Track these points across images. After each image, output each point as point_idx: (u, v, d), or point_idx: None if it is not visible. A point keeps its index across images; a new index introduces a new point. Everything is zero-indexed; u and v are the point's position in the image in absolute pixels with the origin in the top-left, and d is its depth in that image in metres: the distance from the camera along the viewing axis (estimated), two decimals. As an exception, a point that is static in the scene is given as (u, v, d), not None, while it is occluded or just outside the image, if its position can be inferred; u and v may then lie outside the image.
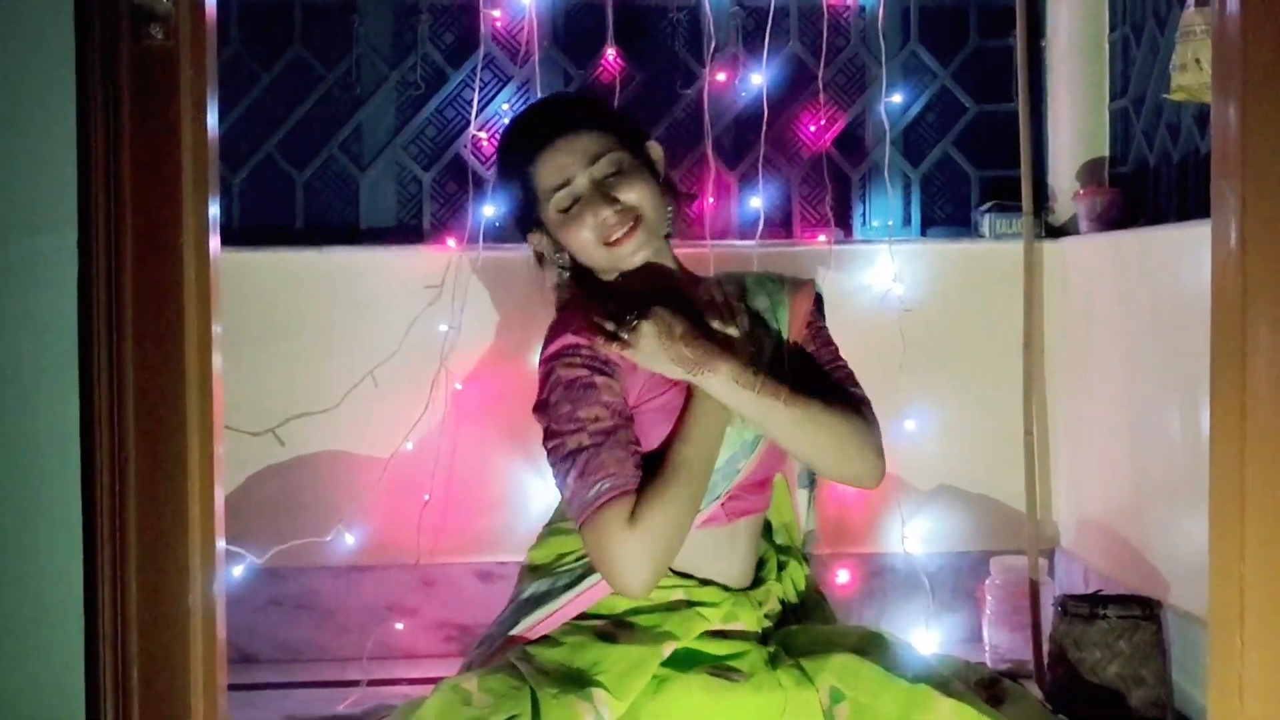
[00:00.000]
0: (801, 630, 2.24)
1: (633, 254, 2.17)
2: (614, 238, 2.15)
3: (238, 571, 3.36)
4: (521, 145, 2.19)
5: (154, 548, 1.55)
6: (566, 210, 2.17)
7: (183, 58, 1.58)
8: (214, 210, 1.64)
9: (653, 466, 2.08)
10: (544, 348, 2.17)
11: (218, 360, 1.65)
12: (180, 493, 1.56)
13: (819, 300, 2.35)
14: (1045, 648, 3.09)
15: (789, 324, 2.25)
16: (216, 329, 1.64)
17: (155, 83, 1.56)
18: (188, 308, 1.57)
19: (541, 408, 2.11)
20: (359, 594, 3.48)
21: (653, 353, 2.07)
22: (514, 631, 2.18)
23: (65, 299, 1.53)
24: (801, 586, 2.37)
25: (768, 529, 2.37)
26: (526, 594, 2.21)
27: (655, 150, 2.30)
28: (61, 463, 1.53)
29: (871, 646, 2.16)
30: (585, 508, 2.01)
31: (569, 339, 2.12)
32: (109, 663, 1.52)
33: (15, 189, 1.51)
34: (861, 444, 2.20)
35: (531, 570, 2.26)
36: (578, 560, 2.19)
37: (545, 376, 2.12)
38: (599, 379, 2.09)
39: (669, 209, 2.26)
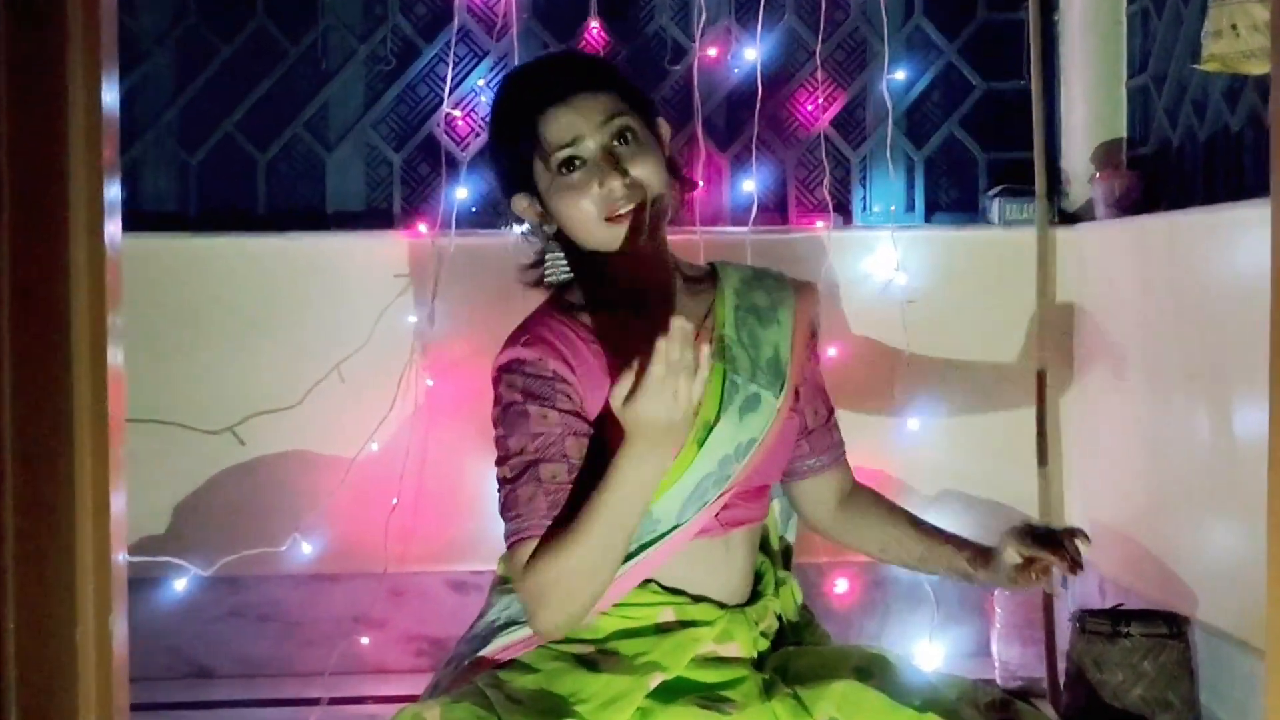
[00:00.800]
0: (799, 653, 2.10)
1: (636, 236, 1.99)
2: (617, 213, 1.97)
3: (180, 585, 3.21)
4: (529, 94, 2.01)
5: (34, 574, 1.32)
6: (567, 174, 1.98)
7: (70, 18, 1.36)
8: (113, 191, 1.44)
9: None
10: (503, 346, 2.02)
11: (117, 355, 1.43)
12: (67, 506, 1.33)
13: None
14: (1061, 665, 2.92)
15: (794, 327, 2.08)
16: (115, 320, 1.42)
17: (36, 45, 1.35)
18: (76, 298, 1.35)
19: (493, 419, 1.99)
20: (324, 604, 3.31)
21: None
22: (484, 653, 2.00)
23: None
24: (800, 602, 2.22)
25: (766, 542, 2.20)
26: (496, 612, 2.05)
27: (664, 129, 2.14)
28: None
29: (874, 670, 2.01)
30: (507, 545, 1.92)
31: (516, 352, 1.97)
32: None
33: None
34: None
35: (503, 583, 2.09)
36: None
37: (494, 386, 2.00)
38: (531, 407, 1.94)
39: (673, 194, 2.09)
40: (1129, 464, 3.16)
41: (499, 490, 1.94)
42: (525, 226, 2.17)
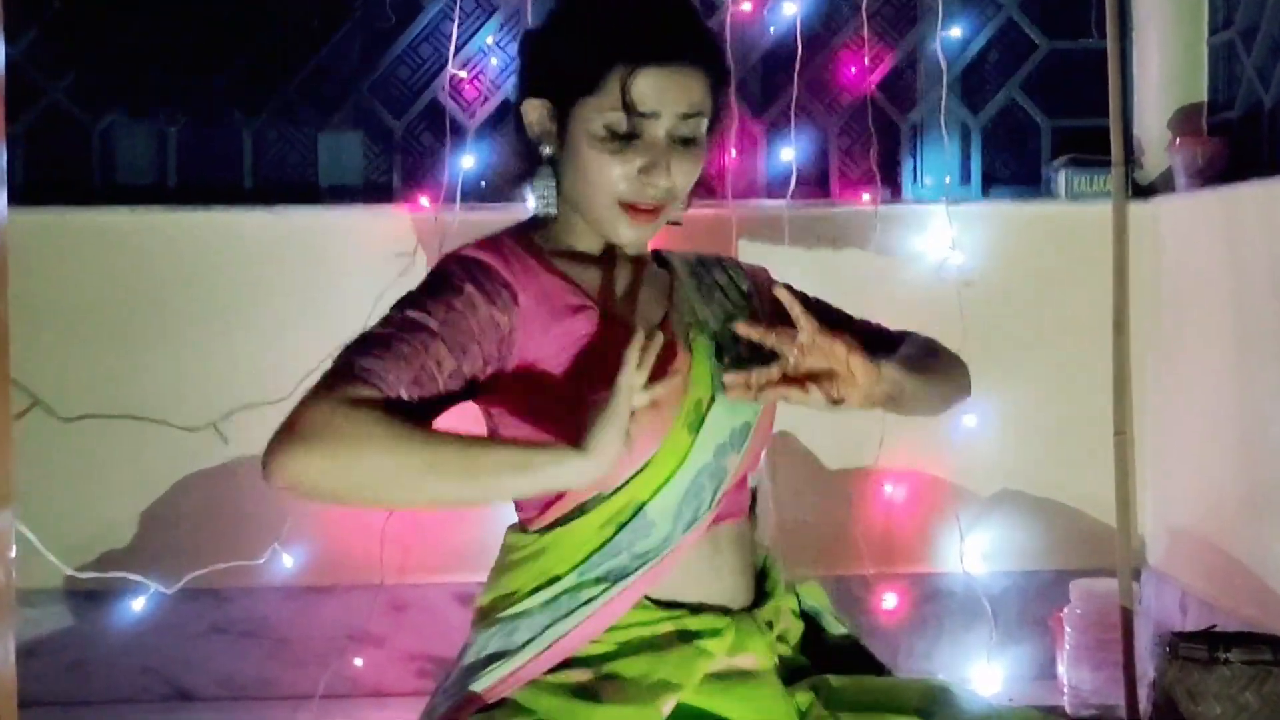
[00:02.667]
0: (847, 685, 1.90)
1: (638, 230, 1.87)
2: (639, 204, 1.84)
3: (138, 604, 3.04)
4: (641, 32, 1.84)
5: None
6: (616, 138, 1.83)
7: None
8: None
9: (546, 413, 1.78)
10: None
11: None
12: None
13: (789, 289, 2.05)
14: (1143, 692, 2.72)
15: (757, 296, 2.00)
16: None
17: None
18: None
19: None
20: (315, 619, 3.15)
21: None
22: (470, 690, 1.78)
23: None
24: (824, 602, 2.05)
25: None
26: (474, 653, 1.85)
27: (732, 115, 2.02)
28: None
29: (936, 707, 1.83)
30: (334, 365, 1.68)
31: (464, 251, 1.81)
32: None
33: None
34: (963, 371, 2.07)
35: (482, 616, 1.88)
36: (532, 597, 1.81)
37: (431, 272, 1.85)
38: (470, 288, 1.77)
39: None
40: (1216, 463, 3.01)
41: (363, 332, 1.72)
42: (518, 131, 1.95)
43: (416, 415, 1.66)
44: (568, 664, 1.78)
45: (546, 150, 1.89)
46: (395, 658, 3.14)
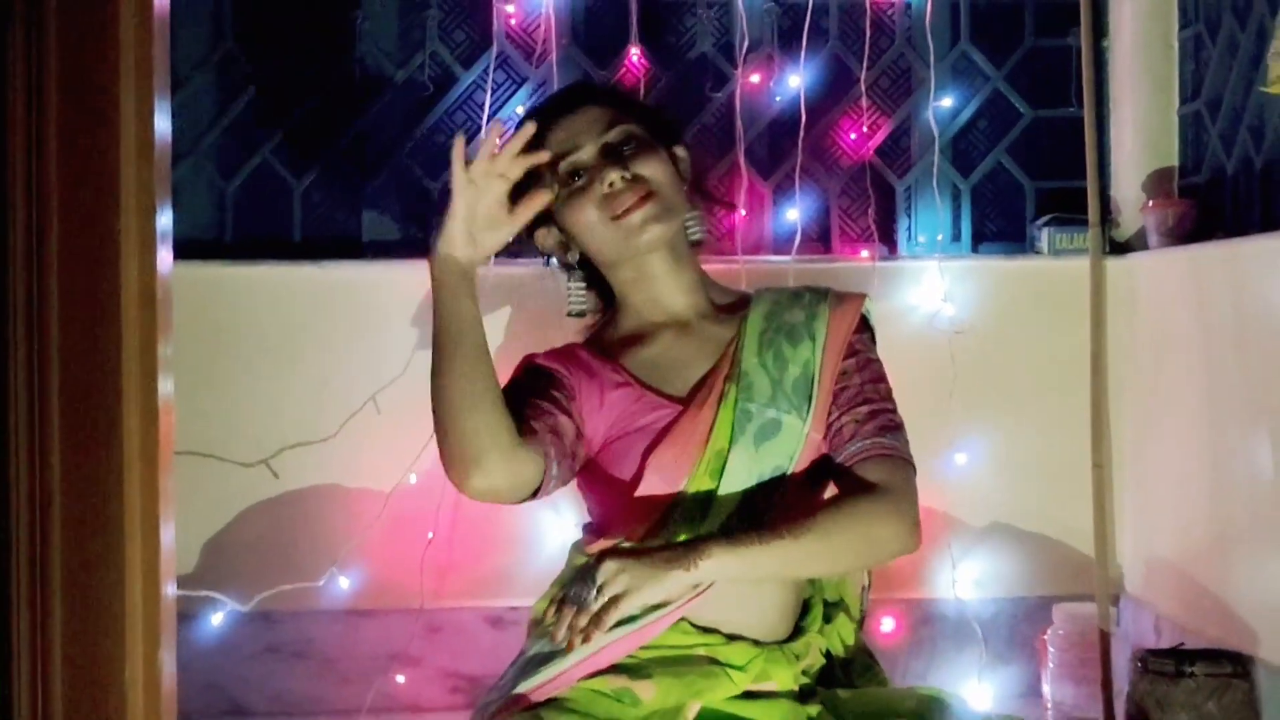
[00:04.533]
0: (852, 696, 2.05)
1: (640, 230, 2.02)
2: (620, 209, 2.00)
3: (217, 620, 3.15)
4: (539, 119, 2.04)
5: (82, 609, 1.26)
6: (572, 184, 2.01)
7: (123, 42, 1.31)
8: (164, 220, 1.38)
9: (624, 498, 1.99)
10: None
11: (167, 386, 1.37)
12: (116, 540, 1.28)
13: (866, 322, 2.16)
14: (1118, 706, 2.88)
15: (826, 340, 2.06)
16: (165, 350, 1.37)
17: (88, 69, 1.30)
18: (127, 327, 1.30)
19: None
20: (359, 641, 3.23)
21: (640, 592, 1.82)
22: (520, 689, 1.96)
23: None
24: (850, 643, 2.16)
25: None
26: (530, 652, 2.03)
27: (683, 152, 2.18)
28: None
29: (932, 713, 1.98)
30: None
31: (539, 356, 2.11)
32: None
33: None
34: (894, 529, 1.95)
35: (535, 623, 2.07)
36: None
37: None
38: (553, 363, 2.08)
39: (695, 209, 2.14)
40: (1187, 499, 3.07)
41: None
42: (553, 260, 2.21)
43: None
44: (608, 670, 1.94)
45: (571, 257, 2.11)
46: (431, 676, 3.22)
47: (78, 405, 1.28)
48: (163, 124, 1.37)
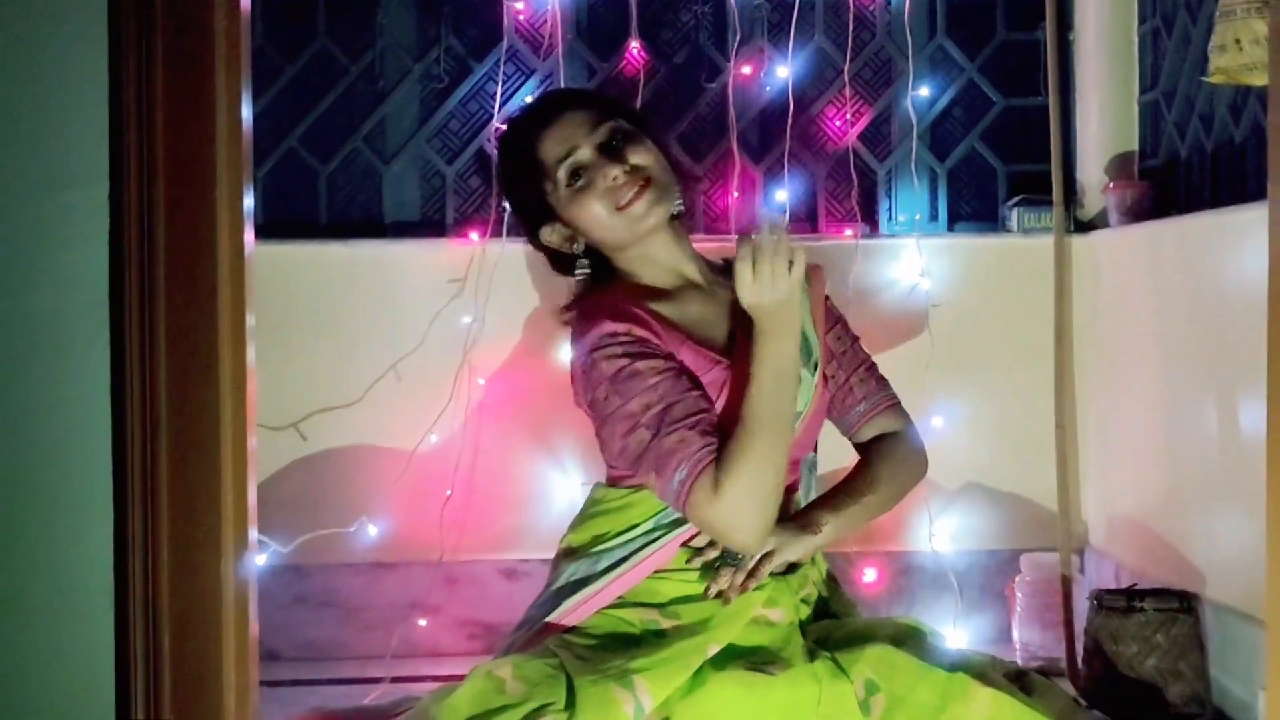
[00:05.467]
0: (838, 625, 2.25)
1: (646, 216, 2.18)
2: (624, 200, 2.16)
3: (261, 560, 3.28)
4: (522, 132, 2.22)
5: (186, 512, 1.51)
6: (574, 182, 2.15)
7: (217, 36, 1.53)
8: (249, 200, 1.60)
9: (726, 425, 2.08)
10: (577, 338, 2.16)
11: (251, 353, 1.60)
12: (213, 455, 1.52)
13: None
14: (1079, 644, 3.05)
15: (810, 306, 2.26)
16: (251, 320, 1.59)
17: (188, 61, 1.52)
18: (221, 300, 1.53)
19: (592, 405, 2.10)
20: (382, 591, 3.44)
21: (783, 551, 2.13)
22: (551, 617, 2.17)
23: (96, 256, 1.50)
24: (826, 570, 2.38)
25: None
26: (564, 578, 2.20)
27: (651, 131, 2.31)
28: (92, 422, 1.50)
29: (908, 638, 2.18)
30: (678, 498, 2.03)
31: (606, 327, 2.11)
32: (139, 629, 1.49)
33: (45, 143, 1.48)
34: (921, 462, 2.39)
35: (568, 553, 2.25)
36: (617, 539, 2.17)
37: (588, 370, 2.11)
38: (640, 364, 2.08)
39: (677, 185, 2.26)
40: (1144, 458, 3.25)
41: (641, 464, 2.03)
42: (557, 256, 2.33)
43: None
44: (638, 604, 2.13)
45: (577, 249, 2.27)
46: (449, 623, 3.41)
47: (181, 335, 1.50)
48: (247, 113, 1.60)
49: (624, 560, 2.15)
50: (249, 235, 1.59)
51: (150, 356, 1.51)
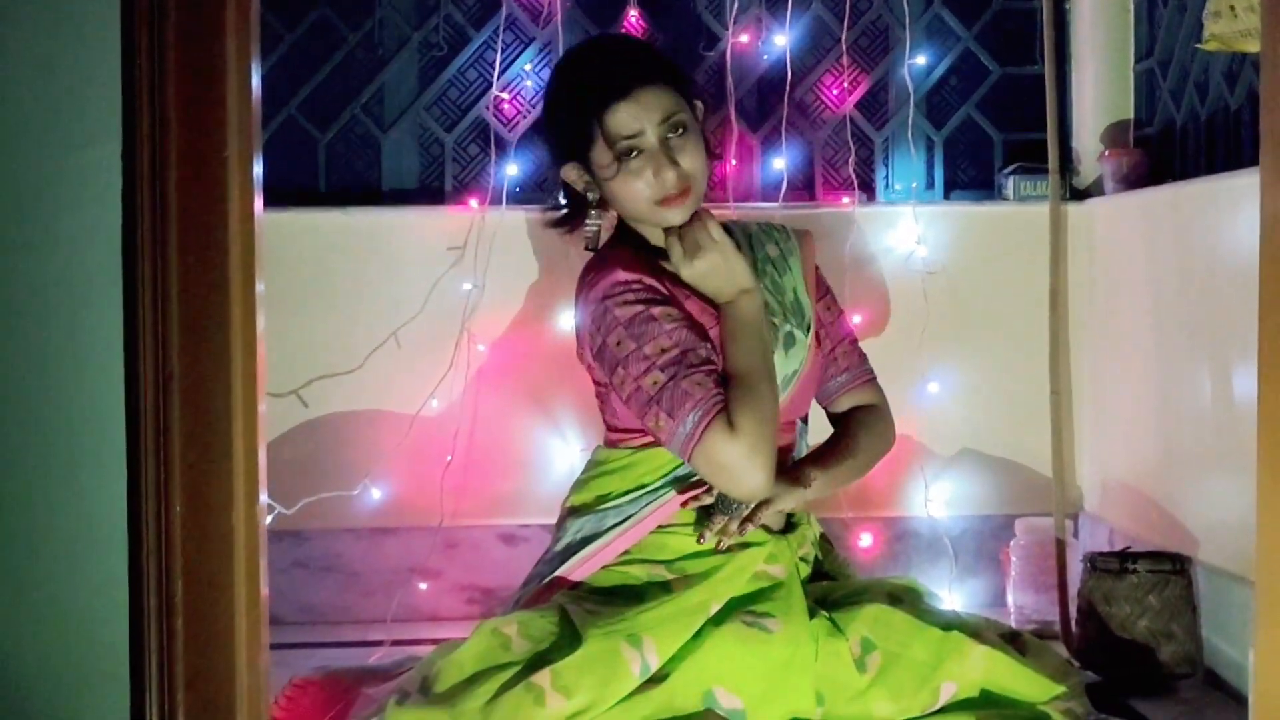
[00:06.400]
0: (836, 586, 2.29)
1: (677, 216, 2.21)
2: (666, 198, 2.18)
3: (267, 520, 3.33)
4: (596, 86, 2.19)
5: (197, 461, 1.54)
6: (628, 160, 2.17)
7: (227, 2, 1.55)
8: (258, 168, 1.62)
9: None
10: (585, 290, 2.19)
11: (261, 320, 1.62)
12: (224, 407, 1.55)
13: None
14: (1073, 608, 3.08)
15: (801, 270, 2.29)
16: (260, 288, 1.61)
17: (200, 27, 1.54)
18: (232, 267, 1.55)
19: (601, 351, 2.12)
20: (383, 556, 3.47)
21: (775, 502, 2.21)
22: (560, 572, 2.20)
23: (110, 215, 1.52)
24: (820, 532, 2.42)
25: None
26: (570, 534, 2.24)
27: (700, 108, 2.34)
28: (105, 375, 1.52)
29: (903, 596, 2.23)
30: (688, 441, 2.06)
31: (619, 275, 2.15)
32: (153, 579, 1.52)
33: (59, 102, 1.50)
34: (891, 434, 2.45)
35: (573, 511, 2.29)
36: (623, 497, 2.21)
37: (599, 318, 2.14)
38: (656, 309, 2.12)
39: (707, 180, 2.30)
40: (1138, 424, 3.27)
41: (650, 406, 2.07)
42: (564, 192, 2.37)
43: None
44: (647, 561, 2.17)
45: (593, 197, 2.30)
46: (449, 588, 3.44)
47: (193, 291, 1.52)
48: (256, 84, 1.62)
49: (630, 517, 2.18)
50: (258, 203, 1.61)
51: (163, 315, 1.53)
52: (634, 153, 2.18)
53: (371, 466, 3.42)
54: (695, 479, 2.17)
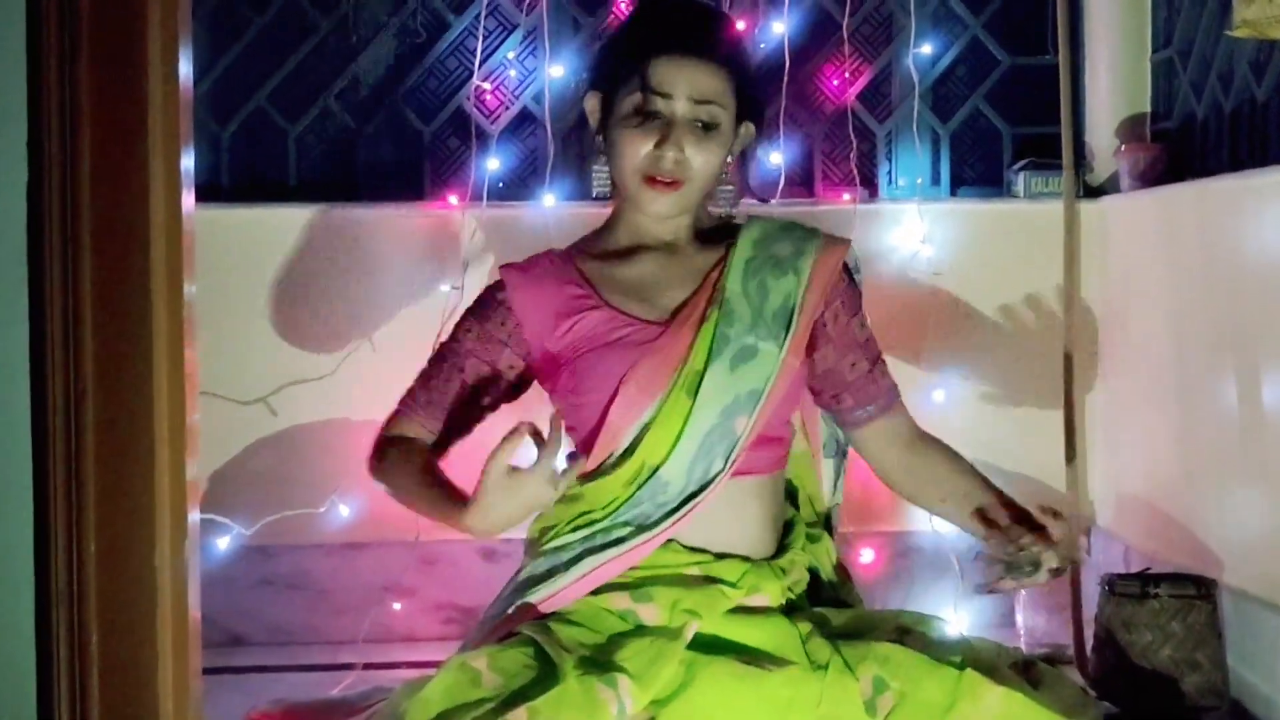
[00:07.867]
0: (836, 613, 2.15)
1: (654, 201, 2.07)
2: (655, 177, 2.05)
3: (223, 543, 3.23)
4: (665, 30, 2.08)
5: (114, 494, 1.36)
6: (639, 117, 2.03)
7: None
8: (187, 162, 1.46)
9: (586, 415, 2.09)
10: None
11: (191, 325, 1.45)
12: (145, 431, 1.37)
13: (848, 270, 2.24)
14: (1088, 632, 2.95)
15: (810, 278, 2.13)
16: (190, 290, 1.44)
17: (117, 17, 1.37)
18: (155, 269, 1.38)
19: None
20: (355, 573, 3.34)
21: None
22: (528, 599, 2.07)
23: (13, 208, 1.35)
24: (834, 561, 2.27)
25: (795, 497, 2.26)
26: (531, 569, 2.13)
27: (748, 131, 2.20)
28: (7, 395, 1.34)
29: (913, 630, 2.08)
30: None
31: (500, 273, 2.19)
32: (63, 629, 1.34)
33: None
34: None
35: (531, 545, 2.19)
36: (571, 530, 2.08)
37: None
38: (474, 324, 2.16)
39: (730, 184, 2.25)
40: (1155, 435, 3.17)
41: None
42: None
43: (451, 421, 2.16)
44: (609, 588, 2.02)
45: (599, 140, 2.16)
46: (425, 607, 3.33)
47: (110, 343, 1.36)
48: (185, 70, 1.45)
49: (583, 557, 2.05)
50: (187, 199, 1.44)
51: (75, 324, 1.35)
52: (654, 116, 2.03)
53: (342, 479, 3.28)
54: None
